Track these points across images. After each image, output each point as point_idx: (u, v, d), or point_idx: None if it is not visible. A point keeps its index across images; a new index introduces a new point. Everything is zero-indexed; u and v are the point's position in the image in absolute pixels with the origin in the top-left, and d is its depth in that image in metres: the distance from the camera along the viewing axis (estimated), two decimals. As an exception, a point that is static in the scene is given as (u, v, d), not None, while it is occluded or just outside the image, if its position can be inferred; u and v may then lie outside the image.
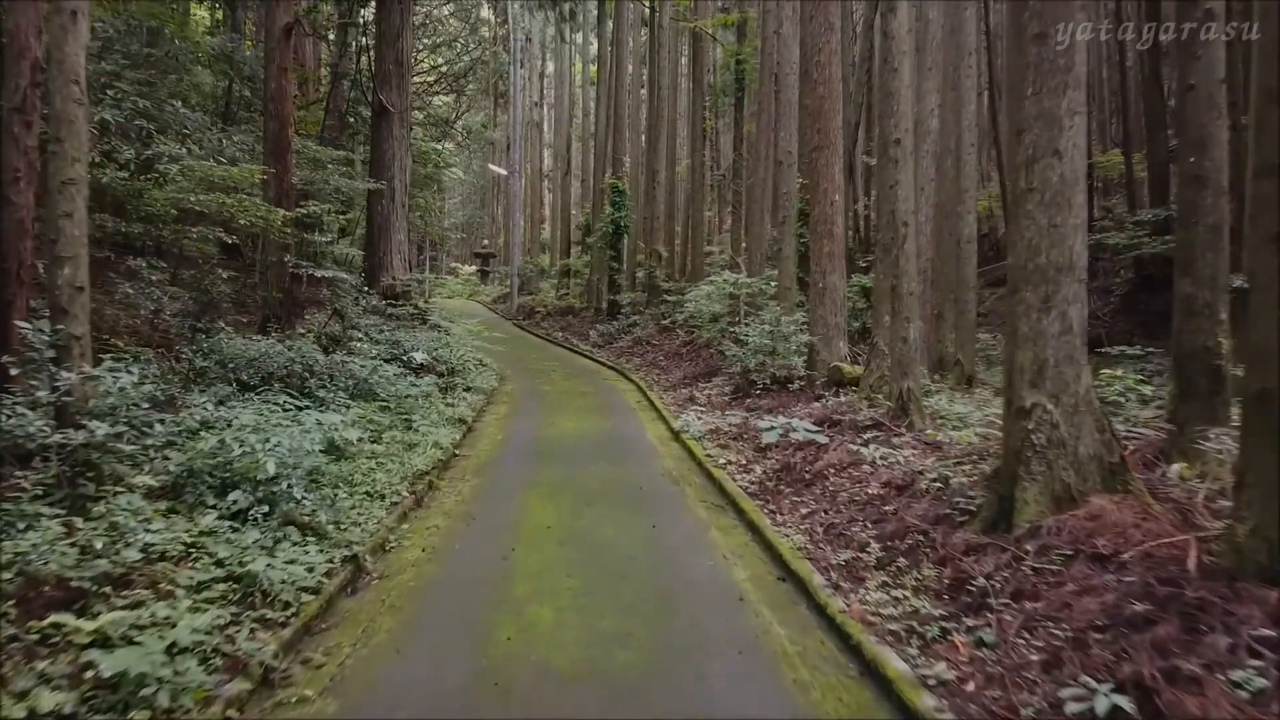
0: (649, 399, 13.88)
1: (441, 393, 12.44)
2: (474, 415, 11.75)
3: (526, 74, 42.84)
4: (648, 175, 24.30)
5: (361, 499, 6.56)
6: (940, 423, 8.40)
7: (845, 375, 10.72)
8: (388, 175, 18.14)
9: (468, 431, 10.73)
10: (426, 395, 11.24)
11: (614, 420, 11.86)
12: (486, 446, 9.92)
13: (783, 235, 14.01)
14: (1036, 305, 4.71)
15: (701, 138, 25.95)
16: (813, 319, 11.72)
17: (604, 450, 9.66)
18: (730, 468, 8.29)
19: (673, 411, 12.28)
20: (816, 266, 11.63)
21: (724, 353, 15.72)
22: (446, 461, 8.80)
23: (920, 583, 4.57)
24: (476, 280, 44.79)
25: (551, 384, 15.88)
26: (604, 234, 23.79)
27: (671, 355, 18.28)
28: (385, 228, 18.13)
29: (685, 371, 16.12)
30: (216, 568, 4.44)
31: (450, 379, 13.29)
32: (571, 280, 32.46)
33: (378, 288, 17.61)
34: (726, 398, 12.19)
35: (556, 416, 12.09)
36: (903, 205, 8.09)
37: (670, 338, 20.19)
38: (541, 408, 13.08)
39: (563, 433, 10.78)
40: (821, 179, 11.59)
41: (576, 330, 24.40)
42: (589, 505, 7.07)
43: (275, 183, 12.77)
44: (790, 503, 6.75)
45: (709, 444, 9.54)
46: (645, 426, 11.43)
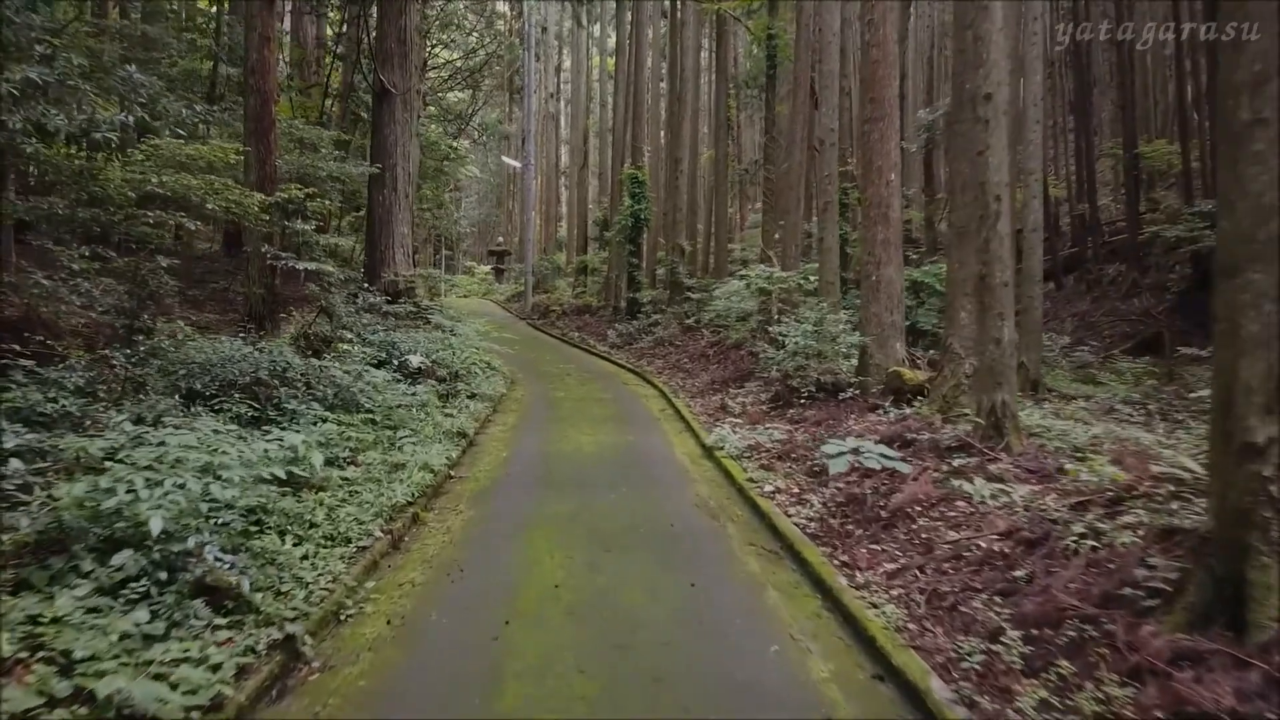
0: (674, 407, 12.40)
1: (441, 401, 11.03)
2: (476, 427, 10.33)
3: (542, 66, 41.52)
4: (669, 164, 22.79)
5: (318, 546, 5.13)
6: (1038, 442, 6.84)
7: (906, 382, 9.17)
8: (389, 162, 16.80)
9: (468, 447, 9.31)
10: (423, 405, 9.83)
11: (636, 433, 10.39)
12: (488, 466, 8.48)
13: (823, 224, 12.47)
14: (1273, 293, 3.16)
15: (726, 127, 24.44)
16: (864, 317, 10.17)
17: (625, 471, 8.18)
18: (780, 497, 6.79)
19: (703, 423, 10.78)
20: (869, 257, 10.08)
21: (756, 354, 14.22)
22: (437, 487, 7.37)
23: (1107, 709, 3.04)
24: (491, 279, 43.52)
25: (566, 389, 14.44)
26: (622, 227, 22.32)
27: (697, 357, 16.77)
28: (387, 219, 16.79)
29: (713, 375, 14.61)
30: (60, 680, 3.01)
31: (452, 385, 11.88)
32: (588, 278, 31.04)
33: (379, 284, 16.28)
34: (764, 407, 10.67)
35: (570, 428, 10.63)
36: (994, 176, 6.53)
37: (695, 338, 18.68)
38: (554, 417, 11.63)
39: (577, 448, 9.32)
40: (875, 156, 10.05)
41: (593, 330, 22.96)
42: (607, 551, 5.60)
43: (257, 165, 11.46)
44: (868, 551, 5.23)
45: (749, 464, 8.04)
46: (672, 441, 9.94)
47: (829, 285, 12.39)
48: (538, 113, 41.90)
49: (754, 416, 10.23)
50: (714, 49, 29.06)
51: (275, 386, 7.86)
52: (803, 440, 8.48)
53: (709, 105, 34.22)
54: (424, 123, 26.42)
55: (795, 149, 14.67)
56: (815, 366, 10.55)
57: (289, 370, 8.30)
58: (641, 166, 22.57)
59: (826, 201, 12.39)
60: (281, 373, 8.17)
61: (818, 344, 10.22)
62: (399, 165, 16.95)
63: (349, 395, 8.51)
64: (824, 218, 12.44)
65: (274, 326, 11.25)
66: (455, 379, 12.27)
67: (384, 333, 11.59)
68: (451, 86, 41.67)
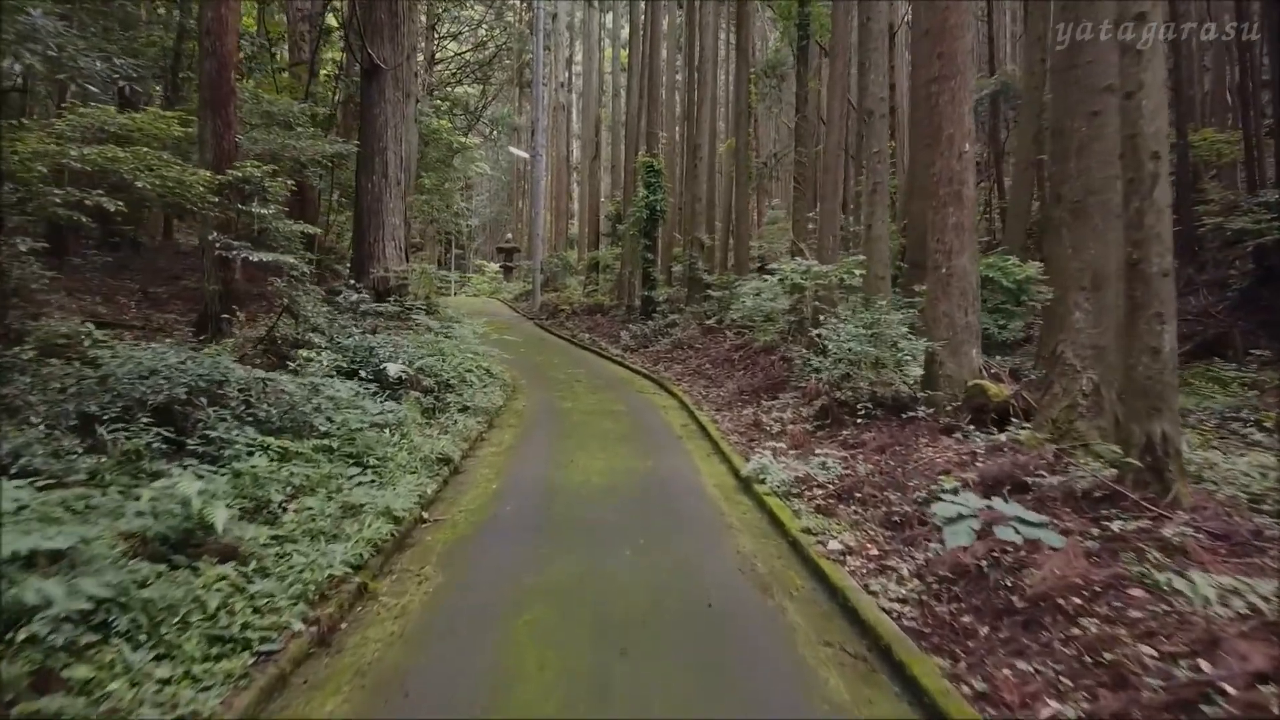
0: (698, 422, 10.67)
1: (426, 417, 9.37)
2: (465, 449, 8.66)
3: (552, 56, 39.90)
4: (687, 152, 21.06)
5: (190, 660, 3.45)
6: (1208, 487, 5.07)
7: (991, 399, 7.41)
8: (378, 145, 15.19)
9: (451, 476, 7.65)
10: (399, 423, 8.16)
11: (655, 456, 8.67)
12: (472, 504, 6.79)
13: (871, 209, 10.69)
14: None
15: (747, 114, 22.69)
16: (931, 317, 8.40)
17: (644, 513, 6.47)
18: (853, 561, 5.05)
19: (734, 444, 9.06)
20: (937, 245, 8.32)
21: (790, 360, 12.48)
22: (402, 538, 5.70)
23: None
24: (500, 277, 41.96)
25: (574, 399, 12.74)
26: (636, 220, 20.60)
27: (720, 362, 15.02)
28: (376, 208, 15.17)
29: (740, 384, 12.87)
30: None
31: (441, 397, 10.22)
32: (600, 275, 29.37)
33: (366, 281, 14.69)
34: (809, 426, 8.91)
35: (577, 449, 8.94)
36: (1150, 124, 4.74)
37: (716, 340, 16.94)
38: (558, 435, 9.94)
39: (584, 478, 7.62)
40: (945, 122, 8.28)
41: (605, 331, 21.27)
42: (623, 655, 3.89)
43: (213, 141, 9.86)
44: (1011, 672, 3.49)
45: (801, 506, 6.31)
46: (699, 467, 8.22)
47: (878, 280, 10.62)
48: (548, 105, 40.30)
49: (797, 438, 8.48)
50: (733, 32, 27.33)
51: (200, 406, 6.21)
52: (866, 474, 6.73)
53: (728, 95, 32.46)
54: (426, 112, 24.85)
55: (834, 125, 12.91)
56: (868, 377, 8.80)
57: (224, 385, 6.67)
58: (656, 155, 20.85)
59: (876, 182, 10.61)
60: (213, 388, 6.54)
61: (875, 350, 8.45)
62: (389, 149, 15.33)
63: (300, 416, 6.85)
64: (871, 201, 10.67)
65: (229, 328, 9.65)
66: (445, 389, 10.61)
67: (361, 336, 9.93)
68: (460, 80, 40.28)
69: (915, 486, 5.93)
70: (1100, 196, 5.94)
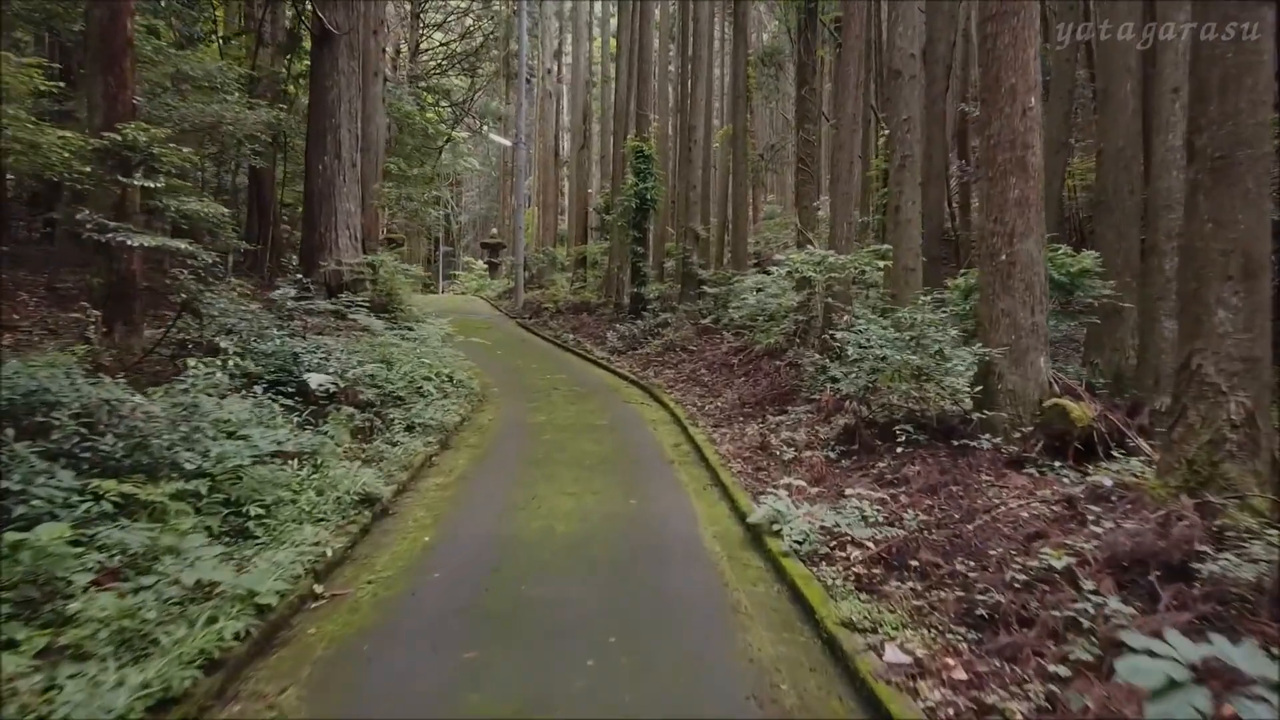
0: (693, 441, 8.94)
1: (355, 440, 7.62)
2: (403, 481, 6.91)
3: (540, 42, 38.08)
4: (681, 136, 19.32)
5: None
6: None
7: (1075, 423, 5.70)
8: (331, 121, 13.43)
9: (374, 522, 5.91)
10: (313, 452, 6.41)
11: (640, 491, 6.93)
12: (388, 570, 5.05)
13: (898, 187, 8.97)
14: None
15: (745, 98, 20.97)
16: (987, 317, 6.68)
17: (618, 587, 4.73)
18: (930, 692, 3.32)
19: (737, 472, 7.33)
20: (995, 224, 6.60)
21: (799, 366, 10.76)
22: (267, 637, 3.96)
23: None
24: (485, 274, 40.13)
25: (549, 412, 10.99)
26: (625, 209, 18.84)
27: (717, 367, 13.30)
28: (328, 194, 13.41)
29: (741, 393, 11.14)
30: None
31: (384, 413, 8.46)
32: (589, 271, 27.61)
33: (316, 275, 12.93)
34: (831, 452, 7.18)
35: (544, 482, 7.19)
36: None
37: (713, 342, 15.21)
38: (524, 459, 8.19)
39: (547, 526, 5.87)
40: (1004, 70, 6.57)
41: (591, 331, 19.52)
42: None
43: (104, 103, 8.06)
44: None
45: (836, 577, 4.58)
46: (695, 509, 6.48)
47: (906, 273, 8.93)
48: (537, 95, 38.48)
49: (817, 469, 6.75)
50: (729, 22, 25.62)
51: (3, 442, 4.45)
52: (919, 527, 5.01)
53: (723, 82, 30.72)
54: (404, 99, 23.05)
55: (848, 95, 11.17)
56: (906, 390, 7.09)
57: (56, 408, 4.91)
58: (647, 138, 19.09)
59: (905, 155, 8.89)
60: (34, 412, 4.79)
61: (916, 357, 6.72)
62: (343, 126, 13.56)
63: (157, 448, 5.08)
64: (900, 178, 8.95)
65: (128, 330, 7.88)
66: (391, 403, 8.86)
67: (283, 340, 8.15)
68: (446, 71, 38.49)
69: (1001, 556, 4.21)
70: (1253, 150, 4.26)
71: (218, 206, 7.67)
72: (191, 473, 5.10)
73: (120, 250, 7.54)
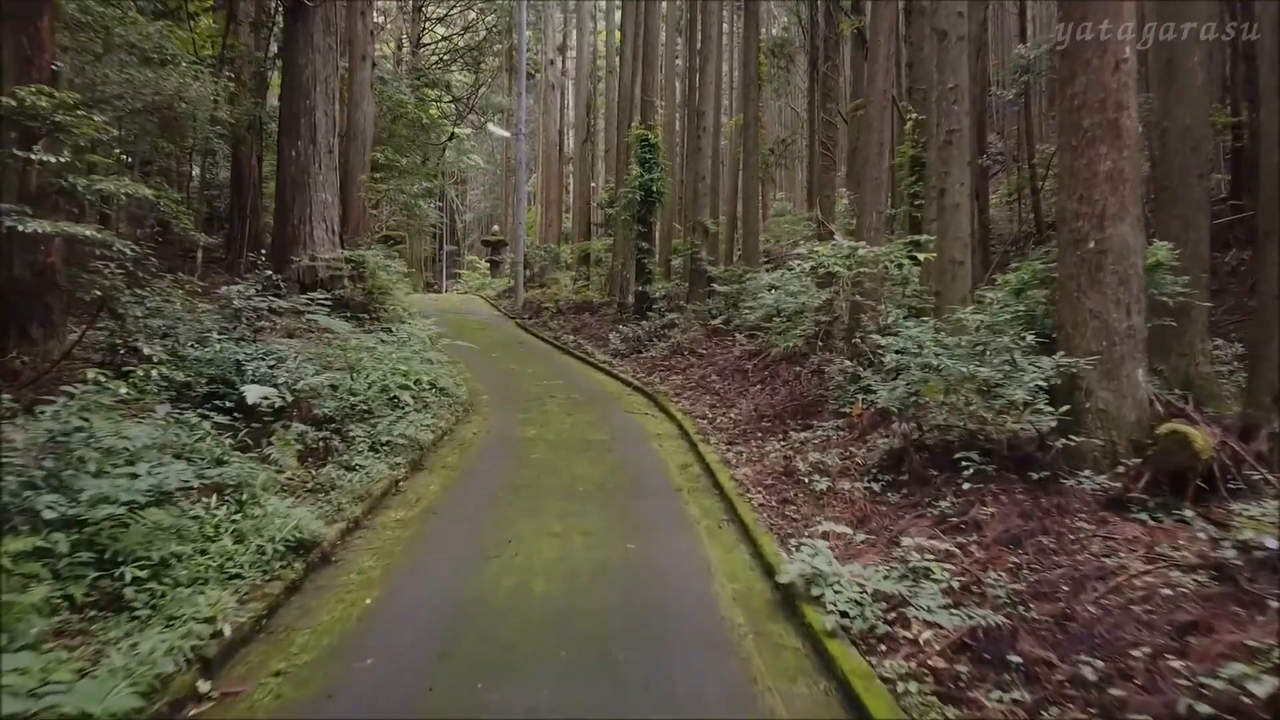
0: (704, 462, 7.70)
1: (304, 464, 6.42)
2: (355, 518, 5.71)
3: (544, 31, 36.89)
4: (689, 123, 18.08)
5: None
6: None
7: (1198, 454, 4.45)
8: (305, 103, 12.22)
9: (305, 577, 4.71)
10: (238, 487, 5.21)
11: (642, 531, 5.69)
12: (310, 652, 3.82)
13: (944, 167, 7.71)
14: None
15: (756, 85, 19.72)
16: (1071, 319, 5.42)
17: (607, 683, 3.50)
18: None
19: (760, 504, 6.09)
20: (1080, 204, 5.35)
21: (823, 373, 9.52)
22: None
23: None
24: (487, 272, 38.99)
25: (543, 423, 9.77)
26: (629, 202, 17.60)
27: (729, 373, 12.05)
28: (302, 182, 12.21)
29: (758, 403, 9.91)
30: None
31: (345, 429, 7.26)
32: (592, 269, 26.39)
33: (289, 271, 11.75)
34: (876, 484, 5.92)
35: (526, 518, 5.96)
36: None
37: (724, 345, 13.97)
38: (507, 485, 6.97)
39: (522, 584, 4.64)
40: (1090, 14, 5.31)
41: (593, 332, 18.29)
42: None
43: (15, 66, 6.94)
44: None
45: (909, 679, 3.35)
46: (709, 556, 5.23)
47: (953, 266, 7.66)
48: (539, 86, 37.32)
49: (859, 507, 5.51)
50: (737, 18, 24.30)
51: None
52: (1010, 598, 3.77)
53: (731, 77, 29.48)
54: (390, 82, 21.87)
55: (878, 69, 9.91)
56: (959, 405, 5.84)
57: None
58: (653, 126, 17.84)
59: (951, 130, 7.63)
60: None
61: (986, 368, 5.45)
62: (319, 108, 12.35)
63: (6, 490, 3.88)
64: (945, 156, 7.68)
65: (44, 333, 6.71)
66: (355, 417, 7.66)
67: (223, 344, 6.94)
68: (449, 66, 37.40)
69: (1149, 659, 2.96)
70: None
71: (139, 187, 6.45)
72: (53, 522, 3.91)
73: (37, 240, 6.37)
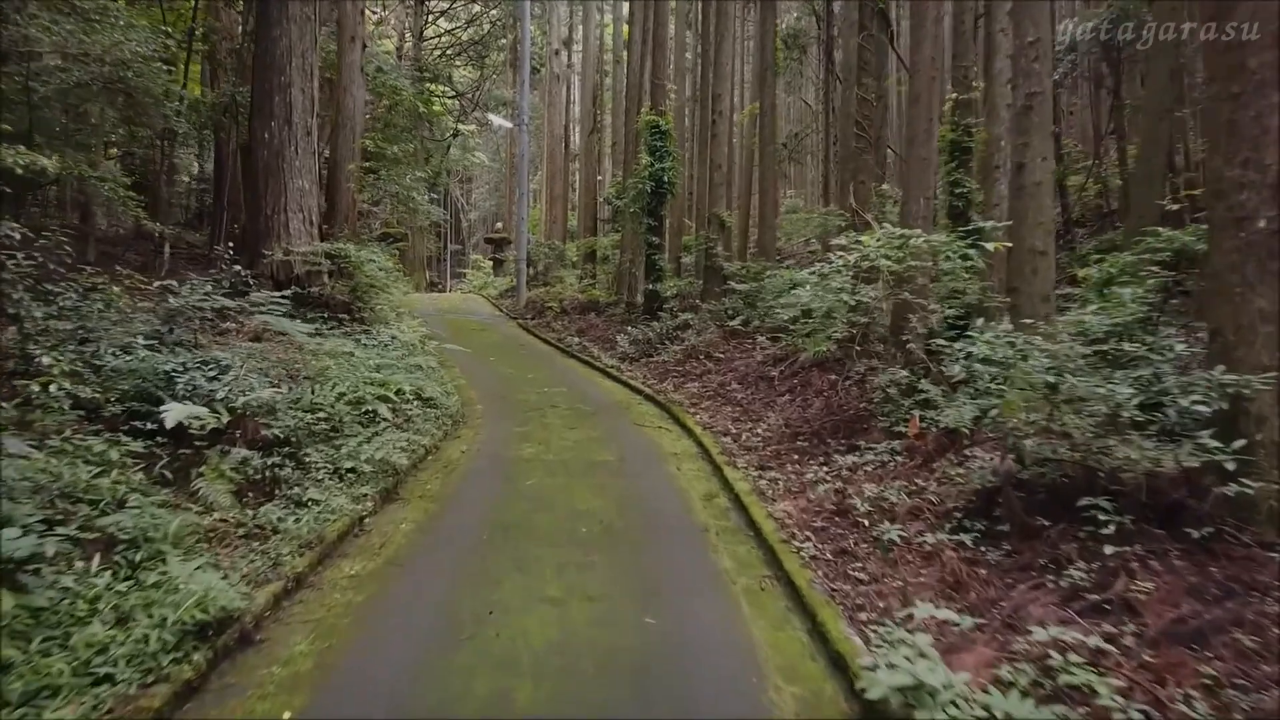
0: (733, 492, 6.42)
1: (241, 502, 5.17)
2: (292, 576, 4.45)
3: (548, 20, 35.64)
4: (701, 112, 16.77)
5: None
6: None
7: None
8: (279, 80, 11.00)
9: (209, 673, 3.45)
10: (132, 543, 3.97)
11: (662, 598, 4.40)
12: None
13: (1025, 138, 6.38)
14: None
15: (773, 71, 18.42)
16: (1233, 322, 4.11)
17: None
18: None
19: (810, 557, 4.80)
20: (1244, 170, 4.01)
21: (865, 383, 8.24)
22: None
23: None
24: (490, 271, 37.76)
25: (541, 439, 8.50)
26: (639, 194, 16.30)
27: (752, 380, 10.77)
28: (276, 168, 11.00)
29: (788, 416, 8.62)
30: None
31: (297, 455, 6.00)
32: (598, 267, 25.13)
33: (261, 266, 10.56)
34: (964, 533, 4.62)
35: (516, 574, 4.69)
36: None
37: (743, 348, 12.70)
38: (493, 525, 5.70)
39: (500, 697, 3.37)
40: (1259, -81, 4.00)
41: (599, 334, 17.01)
42: None
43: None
44: None
45: None
46: (754, 642, 3.91)
47: (1034, 257, 6.36)
48: (544, 76, 36.08)
49: (944, 563, 4.21)
50: None
51: None
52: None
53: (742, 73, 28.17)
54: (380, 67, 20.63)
55: (925, 34, 8.62)
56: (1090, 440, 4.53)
57: None
58: (664, 112, 16.55)
59: (1031, 93, 6.31)
60: None
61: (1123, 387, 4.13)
62: (295, 85, 11.14)
63: None
64: (1024, 124, 6.36)
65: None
66: (319, 437, 6.41)
67: (148, 352, 5.69)
68: (453, 59, 36.27)
69: None
70: None
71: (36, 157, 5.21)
72: None
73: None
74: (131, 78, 8.36)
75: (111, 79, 8.79)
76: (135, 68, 8.35)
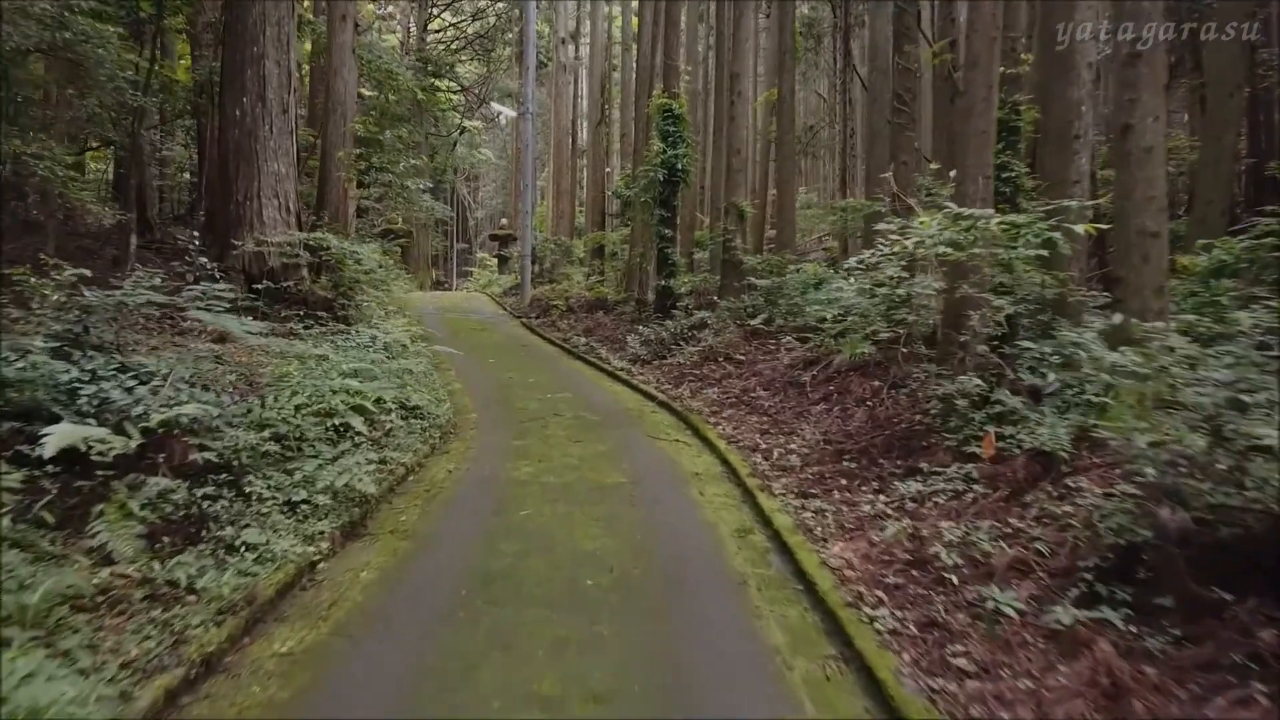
0: (771, 526, 5.26)
1: (153, 550, 4.04)
2: (198, 659, 3.31)
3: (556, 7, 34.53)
4: (719, 89, 15.57)
5: None
6: None
7: None
8: (253, 52, 9.90)
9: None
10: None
11: (698, 696, 3.26)
12: None
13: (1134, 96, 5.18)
14: None
15: (791, 53, 17.23)
16: None
17: None
18: None
19: (887, 632, 3.63)
20: None
21: (916, 394, 7.07)
22: None
23: None
24: (495, 268, 36.70)
25: (540, 456, 7.34)
26: (650, 183, 15.13)
27: (780, 386, 9.58)
28: (248, 149, 9.89)
29: (827, 429, 7.44)
30: None
31: (238, 483, 4.87)
32: (607, 263, 23.98)
33: (231, 258, 9.49)
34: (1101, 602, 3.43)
35: (500, 650, 3.55)
36: None
37: (766, 349, 11.52)
38: (475, 577, 4.55)
39: None
40: None
41: (608, 334, 15.83)
42: None
43: None
44: None
45: None
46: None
47: (1144, 240, 5.18)
48: (551, 67, 34.99)
49: (1089, 655, 3.04)
50: None
51: None
52: None
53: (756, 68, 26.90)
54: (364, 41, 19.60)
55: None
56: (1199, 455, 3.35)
57: None
58: (677, 95, 15.38)
59: (1139, 41, 5.10)
60: None
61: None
62: (269, 57, 10.03)
63: None
64: (1129, 76, 5.15)
65: None
66: (270, 460, 5.28)
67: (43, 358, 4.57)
68: (457, 51, 35.38)
69: None
70: None
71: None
72: None
73: None
74: (72, 39, 7.25)
75: (55, 44, 7.70)
76: (76, 29, 7.24)
